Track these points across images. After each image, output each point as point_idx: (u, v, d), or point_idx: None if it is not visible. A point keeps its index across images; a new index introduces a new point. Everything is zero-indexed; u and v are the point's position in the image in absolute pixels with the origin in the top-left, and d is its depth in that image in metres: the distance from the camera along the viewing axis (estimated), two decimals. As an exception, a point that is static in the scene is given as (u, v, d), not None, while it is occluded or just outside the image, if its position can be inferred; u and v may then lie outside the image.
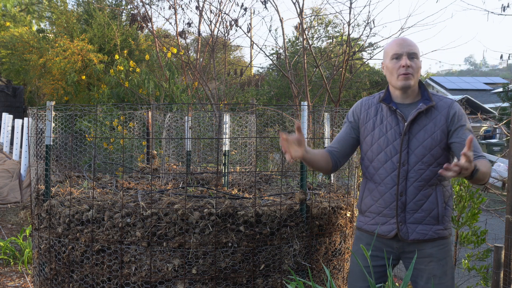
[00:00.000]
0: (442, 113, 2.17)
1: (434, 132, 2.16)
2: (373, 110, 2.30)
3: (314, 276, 2.88)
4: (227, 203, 2.78)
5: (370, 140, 2.27)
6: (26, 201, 7.98)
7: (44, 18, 20.94)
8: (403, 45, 2.17)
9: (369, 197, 2.30)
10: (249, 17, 28.53)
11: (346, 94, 15.27)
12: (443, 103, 2.20)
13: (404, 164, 2.18)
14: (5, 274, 4.57)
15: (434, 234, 2.19)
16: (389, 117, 2.23)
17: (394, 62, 2.18)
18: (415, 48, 2.19)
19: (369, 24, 6.65)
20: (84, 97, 13.29)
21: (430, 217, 2.18)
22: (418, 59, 2.19)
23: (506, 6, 5.52)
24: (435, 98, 2.22)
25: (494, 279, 3.15)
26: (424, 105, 2.17)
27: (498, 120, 6.32)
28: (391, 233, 2.22)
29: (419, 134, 2.17)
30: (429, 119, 2.17)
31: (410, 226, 2.19)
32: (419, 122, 2.18)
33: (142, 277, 2.63)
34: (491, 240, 3.84)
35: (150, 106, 5.66)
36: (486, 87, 31.25)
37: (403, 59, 2.15)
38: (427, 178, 2.16)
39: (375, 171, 2.26)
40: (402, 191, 2.19)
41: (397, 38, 2.26)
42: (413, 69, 2.16)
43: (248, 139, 4.62)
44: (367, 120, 2.30)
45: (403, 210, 2.20)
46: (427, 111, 2.18)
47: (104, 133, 6.80)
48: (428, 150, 2.16)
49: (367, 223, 2.32)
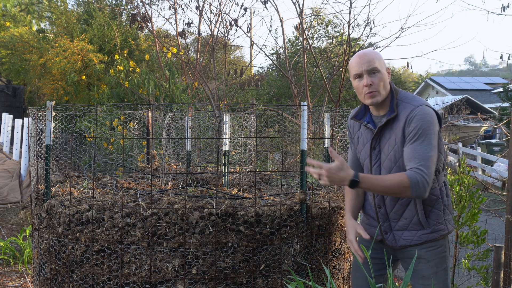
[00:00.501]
0: (401, 123, 2.11)
1: (396, 144, 2.13)
2: (357, 125, 2.34)
3: (314, 276, 2.88)
4: (227, 203, 2.78)
5: (357, 153, 2.35)
6: (26, 201, 7.98)
7: (44, 18, 20.95)
8: (361, 63, 2.14)
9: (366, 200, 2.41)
10: (249, 17, 28.53)
11: (346, 94, 15.26)
12: (405, 111, 2.11)
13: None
14: (5, 274, 4.57)
15: (419, 239, 2.20)
16: (364, 131, 2.27)
17: (357, 82, 2.17)
18: (374, 62, 2.12)
19: (369, 24, 6.66)
20: (84, 97, 13.29)
21: (412, 224, 2.20)
22: (381, 71, 2.13)
23: (506, 6, 5.52)
24: (400, 106, 2.14)
25: (494, 279, 3.15)
26: (386, 118, 2.14)
27: (498, 120, 6.32)
28: (378, 237, 2.30)
29: (385, 147, 2.17)
30: (392, 131, 2.14)
31: (396, 233, 2.24)
32: (385, 135, 2.17)
33: (142, 277, 2.63)
34: (491, 240, 3.84)
35: (150, 106, 5.66)
36: (486, 87, 31.25)
37: (364, 78, 2.13)
38: None
39: None
40: (380, 203, 2.25)
41: (355, 55, 2.22)
42: (376, 85, 2.12)
43: (248, 139, 4.62)
44: (354, 135, 2.37)
45: (385, 220, 2.26)
46: (392, 123, 2.14)
47: (104, 133, 6.80)
48: (394, 162, 2.14)
49: (363, 222, 2.43)
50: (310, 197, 3.06)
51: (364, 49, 8.08)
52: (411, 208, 2.19)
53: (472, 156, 15.11)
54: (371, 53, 2.17)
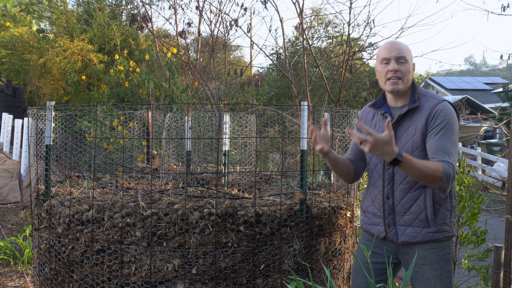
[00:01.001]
0: (424, 114, 2.13)
1: (415, 135, 2.14)
2: (371, 115, 2.35)
3: (314, 276, 2.88)
4: (227, 203, 2.78)
5: None
6: (26, 201, 7.98)
7: (44, 18, 20.94)
8: (391, 49, 2.16)
9: (369, 198, 2.36)
10: (249, 17, 28.52)
11: (346, 94, 15.27)
12: (429, 103, 2.15)
13: (389, 167, 2.20)
14: (5, 274, 4.57)
15: (423, 237, 2.16)
16: (381, 121, 2.27)
17: (383, 67, 2.19)
18: (404, 52, 2.16)
19: (369, 24, 6.66)
20: (84, 97, 13.29)
21: (418, 220, 2.17)
22: (408, 62, 2.17)
23: (506, 6, 5.52)
24: (422, 99, 2.18)
25: (494, 279, 3.15)
26: (407, 107, 2.17)
27: (498, 120, 6.32)
28: (382, 234, 2.27)
29: (402, 137, 2.18)
30: (412, 122, 2.16)
31: (399, 228, 2.21)
32: (403, 125, 2.18)
33: (142, 277, 2.63)
34: (491, 240, 3.84)
35: (150, 106, 5.66)
36: (486, 87, 31.25)
37: (391, 64, 2.15)
38: (412, 181, 2.15)
39: (371, 173, 2.33)
40: (389, 193, 2.22)
41: (387, 41, 2.26)
42: (401, 73, 2.14)
43: (248, 139, 4.62)
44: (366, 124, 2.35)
45: (391, 212, 2.23)
46: (412, 113, 2.17)
47: (104, 133, 6.80)
48: (410, 152, 2.13)
49: (365, 222, 2.39)
50: (310, 197, 3.06)
51: (364, 49, 8.08)
52: (419, 203, 2.16)
53: (472, 156, 15.10)
54: (402, 44, 2.21)
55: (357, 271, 2.39)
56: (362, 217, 2.45)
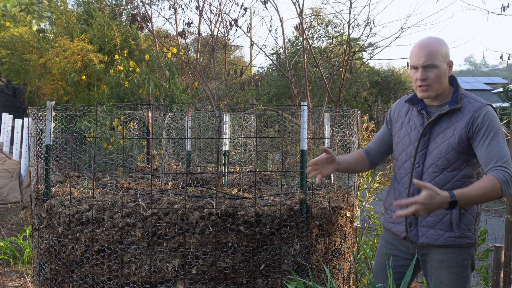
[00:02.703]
0: (466, 117, 2.07)
1: (452, 136, 2.08)
2: (405, 109, 2.28)
3: (314, 276, 2.88)
4: (227, 203, 2.78)
5: (396, 139, 2.29)
6: (26, 201, 7.98)
7: (44, 18, 20.95)
8: (419, 55, 2.07)
9: (392, 195, 2.31)
10: (249, 17, 28.52)
11: (346, 94, 15.28)
12: (471, 106, 2.08)
13: (419, 165, 2.15)
14: (5, 274, 4.57)
15: (445, 241, 2.11)
16: (416, 117, 2.21)
17: (413, 72, 2.13)
18: (432, 57, 2.06)
19: (369, 24, 6.66)
20: (84, 97, 13.29)
21: (442, 223, 2.11)
22: (438, 67, 2.07)
23: (506, 6, 5.52)
24: (464, 100, 2.11)
25: (494, 279, 3.15)
26: (448, 107, 2.10)
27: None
28: (403, 234, 2.22)
29: (438, 137, 2.12)
30: (451, 122, 2.10)
31: (420, 229, 2.16)
32: (441, 125, 2.13)
33: (142, 277, 2.63)
34: (491, 240, 3.84)
35: (150, 106, 5.66)
36: (486, 87, 31.25)
37: (419, 72, 2.09)
38: (440, 182, 2.09)
39: (397, 170, 2.27)
40: (414, 192, 2.15)
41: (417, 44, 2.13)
42: (430, 80, 2.07)
43: (248, 139, 4.62)
44: (398, 119, 2.30)
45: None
46: (452, 114, 2.10)
47: (104, 133, 6.80)
48: (444, 153, 2.09)
49: (387, 221, 2.34)
50: (310, 197, 3.06)
51: (364, 49, 8.08)
52: None
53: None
54: (433, 45, 2.08)
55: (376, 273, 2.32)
56: (385, 216, 2.38)
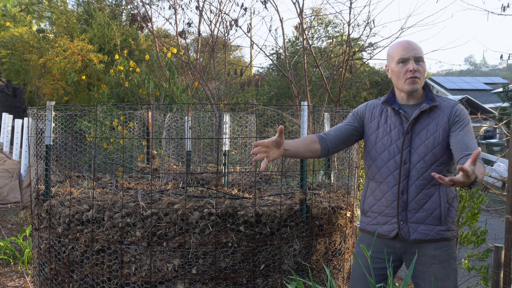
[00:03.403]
0: (445, 112, 2.19)
1: (436, 131, 2.18)
2: (378, 110, 2.33)
3: (314, 276, 2.88)
4: (227, 203, 2.78)
5: (374, 139, 2.29)
6: (26, 201, 7.98)
7: (44, 18, 20.94)
8: (409, 49, 2.19)
9: (371, 196, 2.31)
10: (249, 17, 28.51)
11: (346, 94, 15.28)
12: (447, 103, 2.23)
13: (405, 162, 2.19)
14: (5, 274, 4.57)
15: (436, 235, 2.17)
16: (393, 117, 2.27)
17: (400, 66, 2.20)
18: (421, 52, 2.21)
19: (369, 24, 6.65)
20: (84, 97, 13.29)
21: (432, 217, 2.17)
22: (424, 62, 2.23)
23: (506, 6, 5.52)
24: (438, 99, 2.24)
25: (494, 279, 3.15)
26: (427, 105, 2.20)
27: (498, 120, 6.32)
28: (392, 233, 2.22)
29: (421, 133, 2.20)
30: (432, 119, 2.20)
31: (411, 226, 2.19)
32: (421, 121, 2.21)
33: (142, 277, 2.63)
34: (491, 240, 3.84)
35: (150, 106, 5.65)
36: (486, 87, 31.24)
37: (410, 64, 2.17)
38: (429, 177, 2.16)
39: (378, 170, 2.27)
40: (404, 189, 2.19)
41: (401, 41, 2.26)
42: (420, 73, 2.19)
43: (248, 139, 4.62)
44: (372, 120, 2.32)
45: (404, 209, 2.20)
46: (430, 111, 2.21)
47: (104, 133, 6.80)
48: (430, 148, 2.17)
49: (368, 224, 2.32)
50: (310, 197, 3.06)
51: (364, 49, 8.08)
52: (434, 200, 2.17)
53: (472, 156, 15.07)
54: (417, 43, 2.24)
55: (357, 277, 2.32)
56: (362, 219, 2.37)
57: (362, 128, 2.36)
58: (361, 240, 2.38)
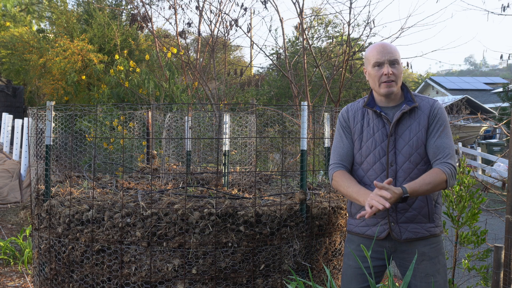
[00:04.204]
0: (425, 112, 2.23)
1: (419, 131, 2.21)
2: (360, 114, 2.35)
3: (314, 276, 2.88)
4: (227, 203, 2.78)
5: (358, 143, 2.32)
6: (26, 201, 7.98)
7: (44, 18, 20.94)
8: (384, 52, 2.21)
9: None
10: (249, 17, 28.49)
11: (346, 94, 15.27)
12: (425, 103, 2.26)
13: (392, 164, 2.22)
14: (5, 274, 4.57)
15: (426, 232, 2.23)
16: (375, 120, 2.29)
17: (376, 70, 2.23)
18: (396, 54, 2.23)
19: (369, 24, 6.66)
20: (84, 97, 13.28)
21: (421, 216, 2.22)
22: (400, 64, 2.24)
23: (506, 6, 5.52)
24: (417, 99, 2.28)
25: (494, 279, 3.15)
26: (408, 106, 2.24)
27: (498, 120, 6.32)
28: (383, 234, 2.25)
29: (404, 134, 2.23)
30: (413, 119, 2.23)
31: (402, 226, 2.23)
32: (403, 123, 2.24)
33: (142, 277, 2.63)
34: (491, 240, 3.84)
35: (150, 106, 5.66)
36: (486, 87, 31.27)
37: (385, 67, 2.20)
38: (415, 177, 2.18)
39: (364, 173, 2.29)
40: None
41: (376, 44, 2.28)
42: (395, 76, 2.21)
43: (248, 139, 4.62)
44: (355, 124, 2.35)
45: (394, 210, 2.23)
46: (411, 112, 2.24)
47: (104, 133, 6.80)
48: (415, 149, 2.21)
49: (357, 226, 2.34)
50: (310, 197, 3.06)
51: (364, 49, 8.08)
52: (422, 198, 2.21)
53: (472, 156, 15.10)
54: (392, 46, 2.25)
55: (349, 278, 2.33)
56: (350, 221, 2.39)
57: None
58: (350, 241, 2.39)
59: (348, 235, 2.42)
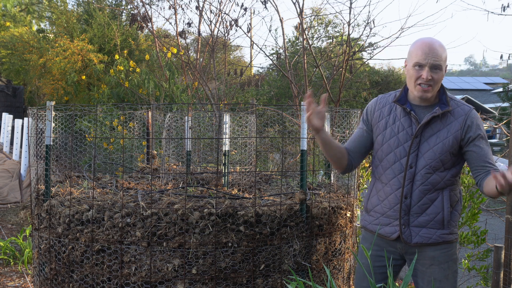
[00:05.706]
0: (458, 120, 2.12)
1: (446, 138, 2.12)
2: (387, 109, 2.26)
3: (314, 276, 2.88)
4: (227, 203, 2.78)
5: (381, 140, 2.24)
6: (26, 201, 7.98)
7: (44, 18, 20.94)
8: (429, 54, 2.05)
9: (376, 196, 2.29)
10: (249, 17, 28.47)
11: (346, 94, 15.27)
12: (461, 109, 2.15)
13: (411, 166, 2.15)
14: (5, 274, 4.57)
15: (439, 239, 2.16)
16: (402, 118, 2.19)
17: (415, 70, 2.10)
18: (441, 59, 2.07)
19: (369, 24, 6.64)
20: (84, 97, 13.28)
21: (434, 221, 2.15)
22: (442, 70, 2.10)
23: (506, 6, 5.52)
24: (452, 103, 2.16)
25: (494, 279, 3.15)
26: (440, 109, 2.12)
27: (498, 120, 6.33)
28: (393, 235, 2.21)
29: (431, 139, 2.14)
30: (443, 125, 2.13)
31: (413, 229, 2.17)
32: (432, 126, 2.14)
33: (142, 277, 2.63)
34: (491, 240, 3.84)
35: (150, 106, 5.65)
36: (486, 87, 31.28)
37: (425, 71, 2.06)
38: (433, 182, 2.13)
39: (383, 171, 2.24)
40: (407, 193, 2.16)
41: (424, 42, 2.10)
42: (434, 81, 2.08)
43: (248, 139, 4.62)
44: (380, 119, 2.26)
45: (407, 213, 2.18)
46: (442, 116, 2.14)
47: (104, 133, 6.80)
48: (438, 155, 2.12)
49: (371, 223, 2.31)
50: (310, 197, 3.06)
51: (364, 49, 8.08)
52: (437, 204, 2.14)
53: (472, 156, 15.07)
54: (439, 48, 2.08)
55: (361, 276, 2.32)
56: (365, 217, 2.36)
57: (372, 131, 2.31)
58: (364, 239, 2.37)
59: (363, 232, 2.39)
